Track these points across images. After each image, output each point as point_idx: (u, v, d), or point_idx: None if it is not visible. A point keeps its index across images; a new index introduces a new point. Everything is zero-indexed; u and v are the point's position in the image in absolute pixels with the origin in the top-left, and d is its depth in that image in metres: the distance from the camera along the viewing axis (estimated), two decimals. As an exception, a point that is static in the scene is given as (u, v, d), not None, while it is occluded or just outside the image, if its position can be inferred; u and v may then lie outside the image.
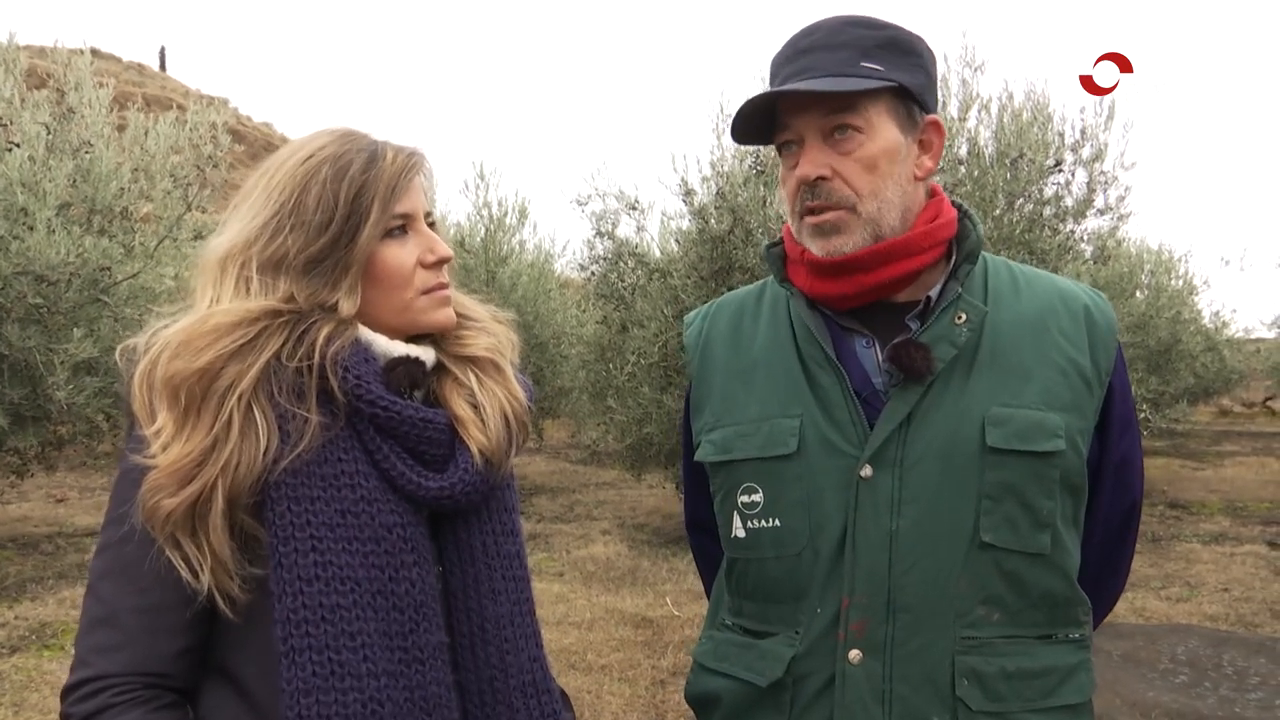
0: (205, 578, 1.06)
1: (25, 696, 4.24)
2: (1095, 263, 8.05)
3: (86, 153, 6.34)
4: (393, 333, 1.21)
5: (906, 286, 1.34)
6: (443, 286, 1.23)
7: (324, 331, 1.13)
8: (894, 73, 1.28)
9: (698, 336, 1.50)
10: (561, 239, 18.33)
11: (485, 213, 11.01)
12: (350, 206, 1.15)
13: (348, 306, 1.16)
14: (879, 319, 1.34)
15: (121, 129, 6.99)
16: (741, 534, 1.36)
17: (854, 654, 1.25)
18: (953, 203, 1.39)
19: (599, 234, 7.86)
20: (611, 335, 7.89)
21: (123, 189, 6.51)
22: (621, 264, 7.75)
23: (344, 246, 1.15)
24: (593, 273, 8.12)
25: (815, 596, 1.29)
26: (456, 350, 1.26)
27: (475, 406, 1.22)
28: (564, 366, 10.53)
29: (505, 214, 11.11)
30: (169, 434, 1.08)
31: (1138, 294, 11.61)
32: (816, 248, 1.31)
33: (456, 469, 1.18)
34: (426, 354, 1.22)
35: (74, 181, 6.25)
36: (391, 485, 1.15)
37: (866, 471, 1.27)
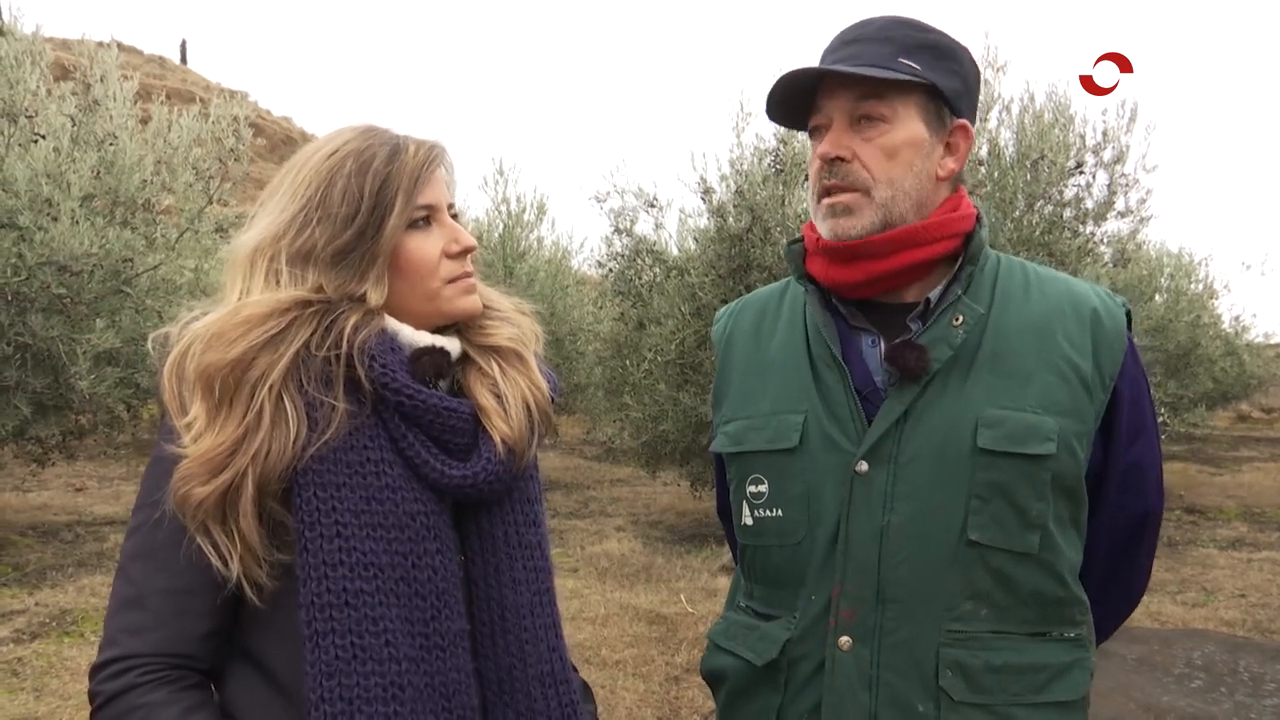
0: (234, 565, 1.09)
1: (46, 682, 4.30)
2: (1115, 266, 8.01)
3: (111, 145, 6.39)
4: (420, 322, 1.24)
5: (917, 281, 1.36)
6: (468, 275, 1.25)
7: (351, 320, 1.16)
8: (929, 73, 1.32)
9: (722, 333, 1.55)
10: (579, 235, 18.30)
11: (504, 208, 11.06)
12: (375, 199, 1.18)
13: (375, 297, 1.19)
14: (886, 318, 1.37)
15: (144, 122, 7.04)
16: (749, 522, 1.41)
17: (844, 640, 1.29)
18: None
19: (617, 231, 7.89)
20: (628, 332, 7.92)
21: (145, 181, 6.56)
22: (639, 261, 7.77)
23: (370, 238, 1.18)
24: (610, 269, 8.14)
25: (811, 584, 1.34)
26: (480, 340, 1.28)
27: (499, 396, 1.24)
28: (580, 363, 10.56)
29: (524, 210, 11.15)
30: (202, 425, 1.10)
31: (1157, 297, 11.53)
32: (826, 229, 1.35)
33: (480, 458, 1.20)
34: (451, 344, 1.25)
35: (98, 173, 6.30)
36: (416, 473, 1.17)
37: (862, 467, 1.30)
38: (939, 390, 1.31)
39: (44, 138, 6.02)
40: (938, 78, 1.32)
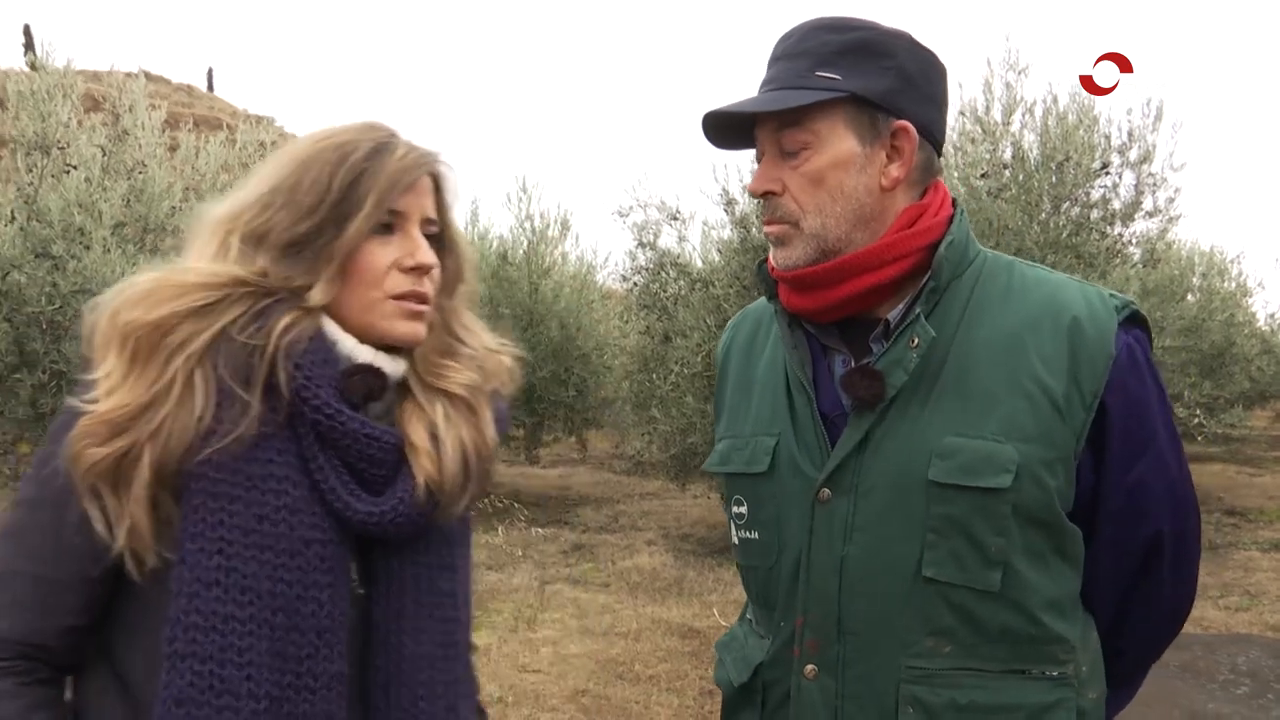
0: (121, 534, 1.01)
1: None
2: (1144, 266, 7.92)
3: (140, 173, 6.51)
4: (360, 333, 1.13)
5: (885, 299, 1.28)
6: (417, 297, 1.14)
7: (284, 320, 1.08)
8: (852, 80, 1.22)
9: (724, 348, 1.53)
10: (604, 250, 18.28)
11: (528, 225, 11.09)
12: (343, 193, 1.09)
13: (319, 295, 1.10)
14: (858, 338, 1.30)
15: (173, 149, 7.15)
16: (736, 541, 1.40)
17: (809, 669, 1.26)
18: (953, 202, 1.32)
19: (640, 245, 7.91)
20: (654, 345, 7.91)
21: (175, 208, 6.67)
22: (663, 274, 7.78)
23: (329, 234, 1.09)
24: (635, 283, 8.15)
25: (780, 610, 1.31)
26: (431, 380, 1.18)
27: (434, 438, 1.14)
28: (607, 377, 10.56)
29: (547, 226, 11.17)
30: (113, 382, 1.04)
31: (1189, 297, 11.37)
32: (773, 258, 1.31)
33: (393, 495, 1.10)
34: (395, 366, 1.15)
35: (128, 201, 6.41)
36: (320, 499, 1.08)
37: (825, 495, 1.25)
38: (898, 417, 1.23)
39: (75, 168, 6.14)
40: (860, 83, 1.21)
